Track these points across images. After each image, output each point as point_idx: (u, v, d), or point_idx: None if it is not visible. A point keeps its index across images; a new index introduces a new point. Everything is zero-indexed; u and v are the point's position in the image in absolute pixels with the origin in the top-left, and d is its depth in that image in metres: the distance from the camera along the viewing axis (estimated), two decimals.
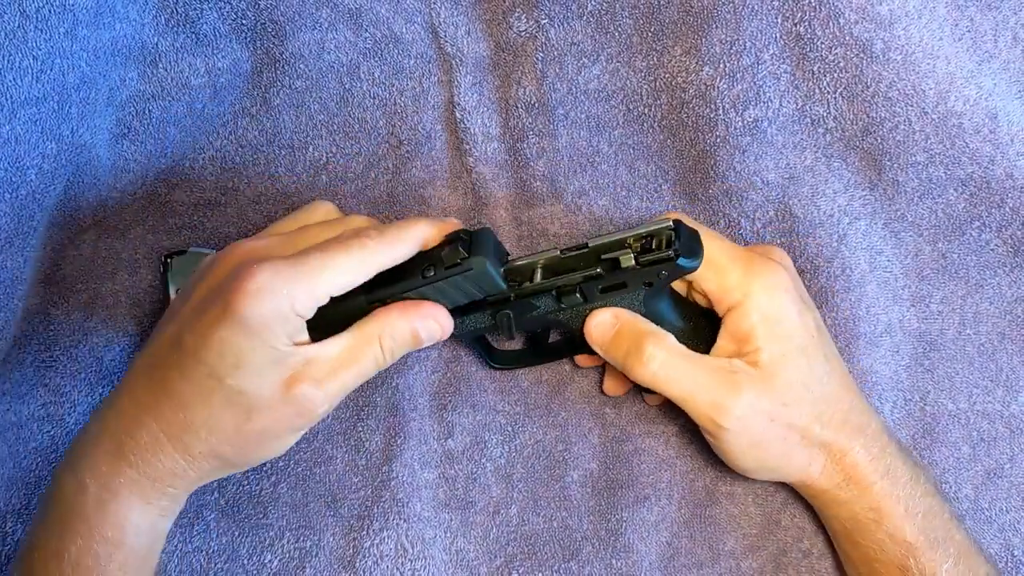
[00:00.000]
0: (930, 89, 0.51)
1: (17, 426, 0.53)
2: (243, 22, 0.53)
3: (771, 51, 0.52)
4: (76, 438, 0.43)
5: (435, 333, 0.45)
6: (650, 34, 0.53)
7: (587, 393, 0.57)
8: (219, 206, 0.56)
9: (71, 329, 0.54)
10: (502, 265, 0.47)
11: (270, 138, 0.55)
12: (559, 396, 0.57)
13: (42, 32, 0.43)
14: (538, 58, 0.54)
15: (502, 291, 0.47)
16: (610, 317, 0.48)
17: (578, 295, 0.48)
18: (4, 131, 0.43)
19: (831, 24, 0.50)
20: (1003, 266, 0.56)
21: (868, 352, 0.55)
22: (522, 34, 0.54)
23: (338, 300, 0.44)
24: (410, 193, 0.56)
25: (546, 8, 0.53)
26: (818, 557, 0.54)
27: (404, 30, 0.54)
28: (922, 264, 0.56)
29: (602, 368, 0.56)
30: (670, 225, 0.45)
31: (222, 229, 0.56)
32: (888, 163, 0.54)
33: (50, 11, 0.43)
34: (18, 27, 0.42)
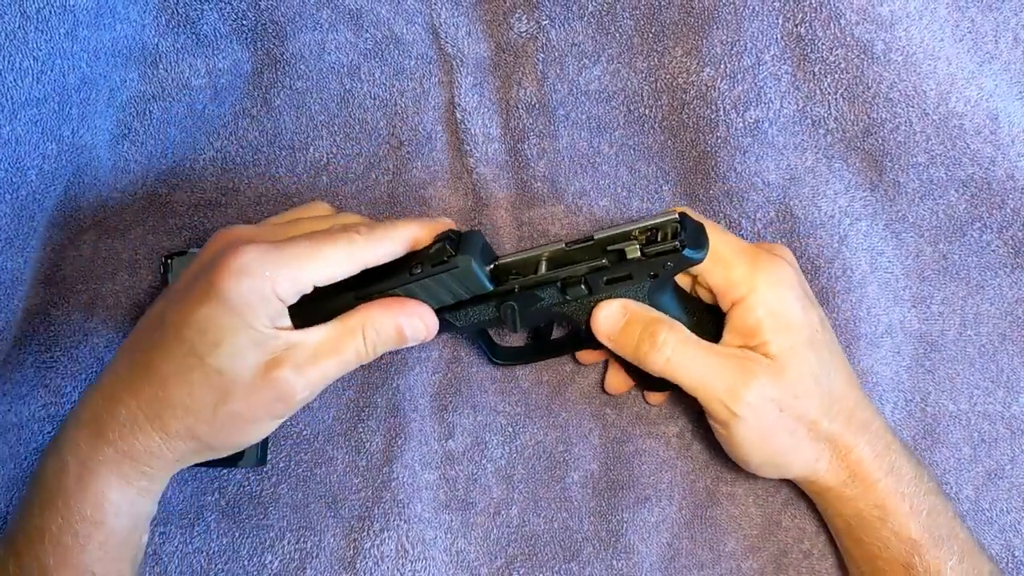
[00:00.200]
0: (931, 90, 0.51)
1: (18, 427, 0.53)
2: (244, 23, 0.53)
3: (772, 52, 0.52)
4: (63, 420, 0.44)
5: (419, 331, 0.45)
6: (651, 35, 0.53)
7: (588, 394, 0.57)
8: (219, 207, 0.56)
9: (71, 329, 0.54)
10: (487, 264, 0.47)
11: (271, 139, 0.55)
12: (560, 397, 0.57)
13: (42, 33, 0.43)
14: (539, 59, 0.54)
15: (487, 291, 0.47)
16: (619, 307, 0.48)
17: (583, 286, 0.48)
18: (5, 132, 0.43)
19: (832, 25, 0.50)
20: (1004, 267, 0.56)
21: (869, 353, 0.55)
22: (523, 35, 0.54)
23: (326, 296, 0.44)
24: (411, 194, 0.56)
25: (547, 9, 0.53)
26: (819, 558, 0.54)
27: (405, 31, 0.54)
28: (923, 265, 0.56)
29: (603, 367, 0.56)
30: (675, 218, 0.45)
31: None
32: (889, 164, 0.54)
33: (50, 12, 0.43)
34: (18, 28, 0.42)
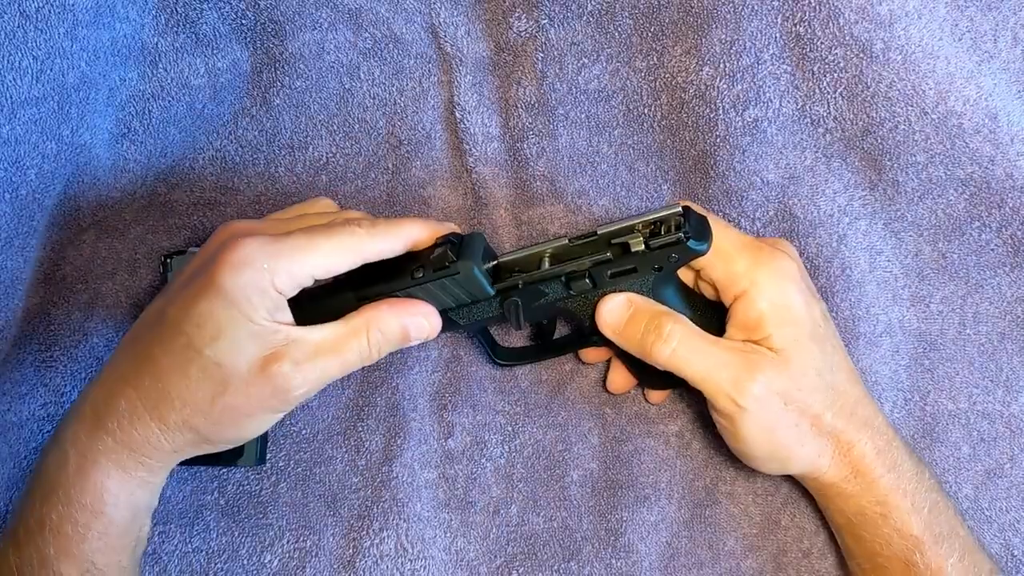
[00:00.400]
0: (930, 89, 0.51)
1: (18, 426, 0.53)
2: (243, 22, 0.53)
3: (771, 51, 0.52)
4: (64, 414, 0.44)
5: (423, 331, 0.46)
6: (650, 34, 0.53)
7: (587, 393, 0.57)
8: (219, 206, 0.56)
9: (71, 329, 0.54)
10: (488, 264, 0.47)
11: (270, 138, 0.55)
12: (559, 396, 0.57)
13: (42, 32, 0.43)
14: (538, 58, 0.54)
15: (489, 295, 0.47)
16: (624, 300, 0.48)
17: (587, 280, 0.48)
18: (4, 131, 0.43)
19: (831, 24, 0.50)
20: (1003, 266, 0.56)
21: (868, 352, 0.55)
22: (522, 34, 0.54)
23: (328, 295, 0.44)
24: (410, 193, 0.56)
25: (546, 8, 0.53)
26: (818, 557, 0.54)
27: (404, 30, 0.54)
28: (922, 264, 0.56)
29: (605, 366, 0.56)
30: (679, 210, 0.46)
31: None
32: (888, 163, 0.54)
33: (50, 11, 0.43)
34: (18, 27, 0.42)
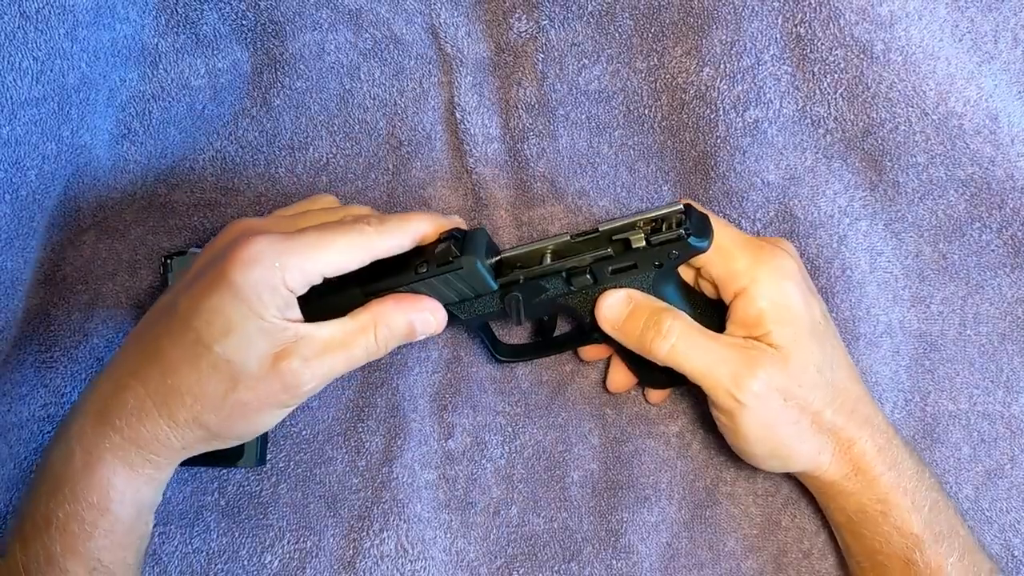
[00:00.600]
0: (930, 90, 0.51)
1: (18, 427, 0.53)
2: (243, 23, 0.53)
3: (771, 52, 0.52)
4: (70, 409, 0.44)
5: (429, 326, 0.46)
6: (650, 35, 0.53)
7: (587, 394, 0.57)
8: (219, 207, 0.56)
9: (71, 330, 0.54)
10: (491, 259, 0.47)
11: (270, 139, 0.55)
12: (559, 397, 0.57)
13: (42, 33, 0.43)
14: (538, 59, 0.54)
15: (492, 290, 0.47)
16: (624, 296, 0.48)
17: (588, 276, 0.48)
18: (4, 132, 0.43)
19: (831, 25, 0.50)
20: (1003, 267, 0.56)
21: (868, 352, 0.55)
22: (522, 35, 0.54)
23: (334, 290, 0.44)
24: (410, 194, 0.56)
25: (546, 9, 0.53)
26: (818, 557, 0.54)
27: (404, 31, 0.54)
28: (923, 265, 0.56)
29: (605, 366, 0.56)
30: (680, 208, 0.46)
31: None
32: (889, 164, 0.54)
33: (50, 12, 0.43)
34: (18, 28, 0.42)
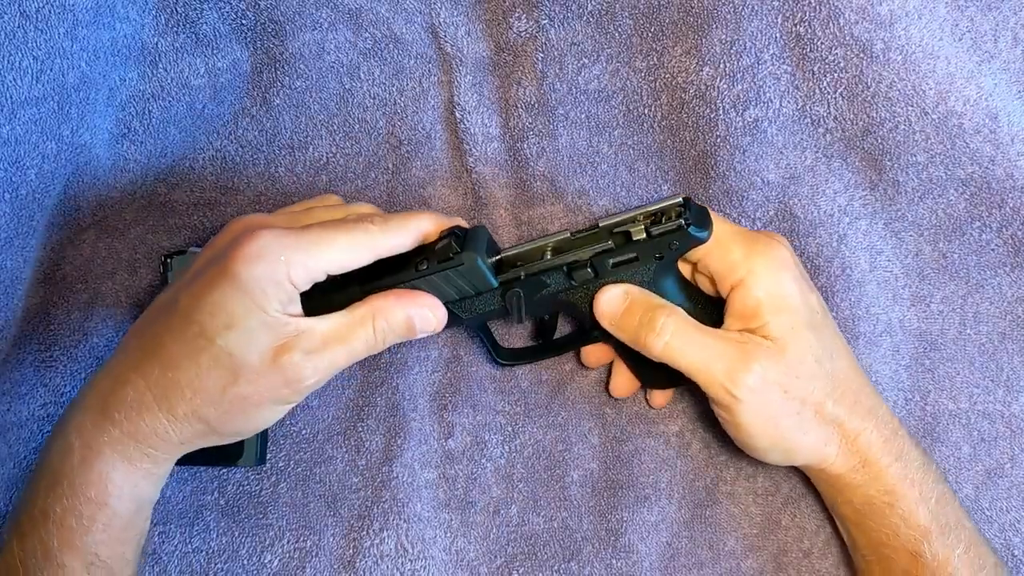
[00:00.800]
0: (930, 89, 0.51)
1: (17, 426, 0.53)
2: (243, 22, 0.53)
3: (771, 51, 0.52)
4: (69, 403, 0.44)
5: (428, 323, 0.46)
6: (650, 34, 0.53)
7: (587, 393, 0.57)
8: (219, 206, 0.56)
9: (71, 329, 0.54)
10: (492, 258, 0.47)
11: (270, 138, 0.55)
12: (559, 396, 0.57)
13: (42, 32, 0.43)
14: (538, 58, 0.54)
15: (493, 287, 0.47)
16: (620, 292, 0.48)
17: (589, 269, 0.48)
18: (4, 131, 0.43)
19: (831, 24, 0.50)
20: (1003, 266, 0.56)
21: (868, 351, 0.55)
22: (522, 34, 0.54)
23: (334, 287, 0.44)
24: (410, 193, 0.56)
25: (546, 8, 0.53)
26: (818, 556, 0.54)
27: (404, 30, 0.54)
28: (922, 264, 0.56)
29: (608, 369, 0.56)
30: (680, 201, 0.46)
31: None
32: (888, 163, 0.54)
33: (50, 11, 0.43)
34: (18, 27, 0.42)
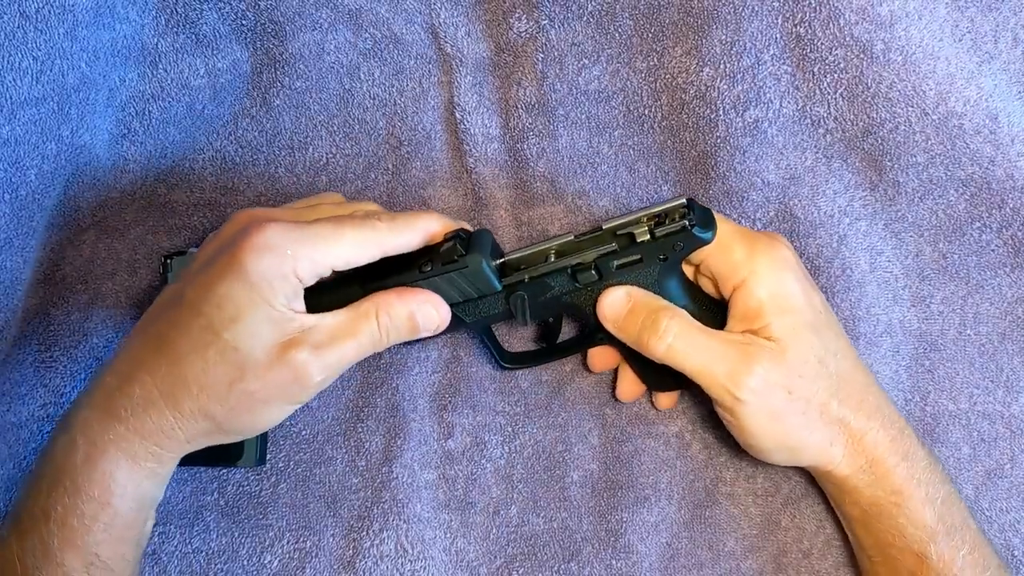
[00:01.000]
0: (930, 90, 0.51)
1: (17, 426, 0.53)
2: (243, 23, 0.53)
3: (771, 52, 0.52)
4: (74, 400, 0.43)
5: (432, 320, 0.46)
6: (650, 35, 0.53)
7: (587, 394, 0.57)
8: (219, 207, 0.56)
9: (71, 329, 0.54)
10: (496, 261, 0.47)
11: (270, 139, 0.55)
12: (559, 397, 0.57)
13: (42, 33, 0.43)
14: (538, 59, 0.54)
15: (496, 290, 0.47)
16: (623, 294, 0.48)
17: (593, 272, 0.48)
18: (4, 132, 0.43)
19: (831, 25, 0.50)
20: (1003, 267, 0.56)
21: (868, 352, 0.55)
22: (522, 35, 0.54)
23: (336, 287, 0.44)
24: (410, 194, 0.56)
25: (546, 9, 0.53)
26: (818, 557, 0.54)
27: (404, 31, 0.54)
28: (923, 264, 0.56)
29: (613, 372, 0.56)
30: (683, 202, 0.46)
31: None
32: (889, 164, 0.54)
33: (50, 12, 0.43)
34: (18, 28, 0.42)
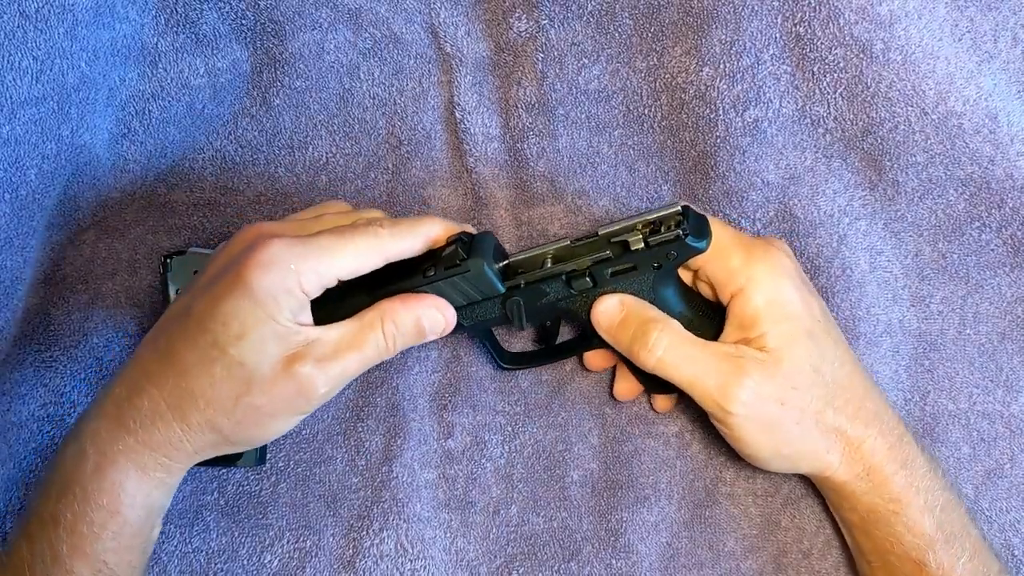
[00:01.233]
0: (930, 89, 0.51)
1: (17, 426, 0.53)
2: (243, 22, 0.53)
3: (771, 51, 0.52)
4: (85, 409, 0.44)
5: (438, 324, 0.46)
6: (650, 34, 0.53)
7: (587, 393, 0.57)
8: (219, 206, 0.56)
9: (71, 329, 0.54)
10: (498, 265, 0.47)
11: (270, 138, 0.55)
12: (559, 396, 0.57)
13: (42, 32, 0.43)
14: (538, 58, 0.54)
15: (499, 293, 0.47)
16: (616, 303, 0.48)
17: (588, 279, 0.48)
18: (4, 132, 0.43)
19: (831, 24, 0.50)
20: (1003, 266, 0.56)
21: (868, 352, 0.55)
22: (522, 34, 0.54)
23: (342, 295, 0.44)
24: (410, 193, 0.56)
25: (546, 8, 0.53)
26: (818, 557, 0.54)
27: (404, 30, 0.54)
28: (922, 264, 0.56)
29: (611, 372, 0.56)
30: (678, 209, 0.46)
31: (222, 229, 0.56)
32: (888, 163, 0.54)
33: (50, 11, 0.43)
34: (18, 27, 0.42)
